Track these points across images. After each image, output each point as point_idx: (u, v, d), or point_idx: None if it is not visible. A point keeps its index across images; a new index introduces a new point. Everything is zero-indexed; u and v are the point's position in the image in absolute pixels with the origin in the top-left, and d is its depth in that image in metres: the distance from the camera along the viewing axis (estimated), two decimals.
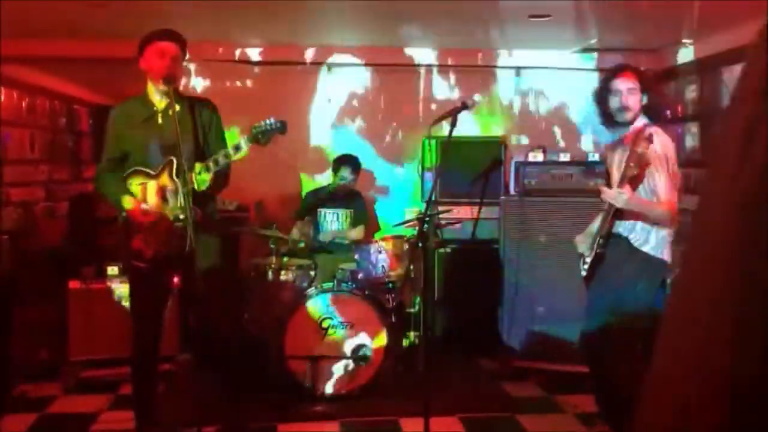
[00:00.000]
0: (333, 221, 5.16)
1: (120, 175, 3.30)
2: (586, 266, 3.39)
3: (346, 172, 5.04)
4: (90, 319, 4.29)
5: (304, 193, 5.54)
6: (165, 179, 3.21)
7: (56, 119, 5.98)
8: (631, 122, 3.27)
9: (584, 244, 3.44)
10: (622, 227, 3.26)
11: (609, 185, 3.37)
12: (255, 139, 3.15)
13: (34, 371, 4.40)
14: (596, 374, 3.48)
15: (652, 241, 3.20)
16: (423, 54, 5.94)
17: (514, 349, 4.58)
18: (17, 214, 5.05)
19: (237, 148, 3.18)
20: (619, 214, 3.22)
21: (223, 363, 3.50)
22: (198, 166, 3.16)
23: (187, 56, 3.35)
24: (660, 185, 3.14)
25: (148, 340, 3.38)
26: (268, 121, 3.14)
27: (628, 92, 3.23)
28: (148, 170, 3.25)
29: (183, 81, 5.69)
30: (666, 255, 3.22)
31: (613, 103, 3.26)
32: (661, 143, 3.14)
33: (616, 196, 3.10)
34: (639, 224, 3.22)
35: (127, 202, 3.22)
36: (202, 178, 3.15)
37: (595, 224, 3.37)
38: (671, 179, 3.15)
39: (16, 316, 4.34)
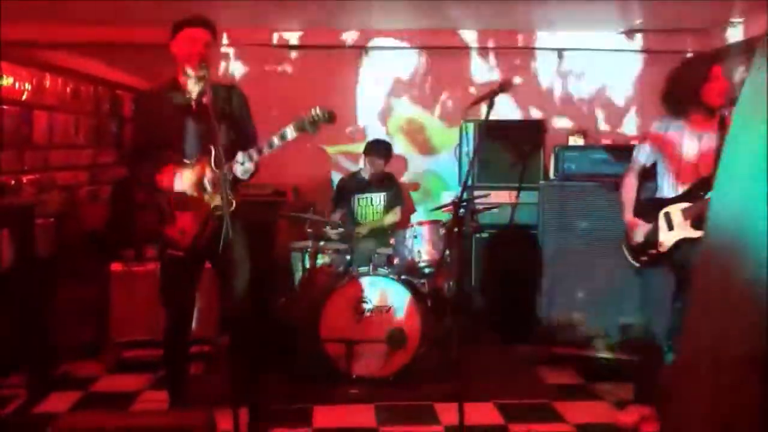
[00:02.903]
0: (367, 206, 5.15)
1: (151, 159, 3.27)
2: (660, 249, 3.40)
3: (376, 157, 5.03)
4: (131, 301, 4.38)
5: (337, 180, 5.53)
6: (204, 168, 3.21)
7: (100, 105, 6.08)
8: (714, 110, 3.31)
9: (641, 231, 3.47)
10: None
11: (661, 171, 3.45)
12: (302, 129, 3.13)
13: (78, 351, 4.52)
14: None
15: None
16: (463, 36, 5.87)
17: (552, 336, 4.53)
18: (62, 198, 5.17)
19: (283, 136, 3.15)
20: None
21: (259, 346, 3.54)
22: (241, 155, 3.15)
23: (226, 41, 3.36)
24: None
25: (179, 325, 3.43)
26: (316, 112, 3.12)
27: (716, 81, 3.26)
28: (183, 159, 3.23)
29: (222, 67, 5.76)
30: None
31: (713, 87, 3.26)
32: None
33: None
34: None
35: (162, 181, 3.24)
36: (245, 167, 3.16)
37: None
38: None
39: (60, 297, 4.45)
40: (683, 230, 3.35)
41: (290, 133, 3.13)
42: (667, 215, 3.40)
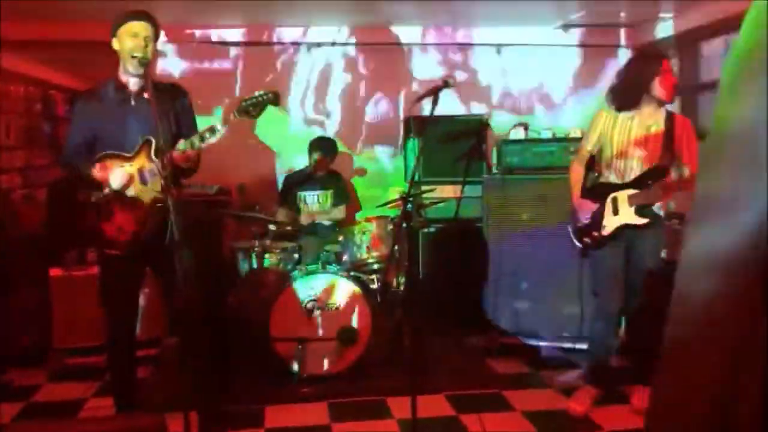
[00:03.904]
0: (313, 203, 5.14)
1: (88, 157, 3.18)
2: (603, 231, 3.54)
3: (319, 155, 5.02)
4: (73, 306, 4.26)
5: (282, 177, 5.50)
6: (143, 160, 3.14)
7: (32, 105, 5.88)
8: (665, 103, 3.49)
9: (588, 212, 3.60)
10: None
11: (607, 158, 3.58)
12: (245, 111, 3.06)
13: (19, 359, 4.37)
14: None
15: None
16: (404, 32, 5.90)
17: (500, 326, 4.61)
18: None
19: (225, 121, 3.11)
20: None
21: (209, 346, 3.49)
22: (183, 143, 3.10)
23: (165, 39, 3.28)
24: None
25: (122, 329, 3.35)
26: (258, 93, 3.07)
27: (668, 74, 3.41)
28: (122, 153, 3.15)
29: (160, 64, 5.64)
30: None
31: (664, 81, 3.40)
32: (689, 127, 3.48)
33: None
34: None
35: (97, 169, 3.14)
36: (187, 155, 3.11)
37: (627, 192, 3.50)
38: None
39: None
40: (627, 216, 3.49)
41: (233, 116, 3.09)
42: (614, 200, 3.53)
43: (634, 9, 5.34)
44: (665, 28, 5.57)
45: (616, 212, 3.52)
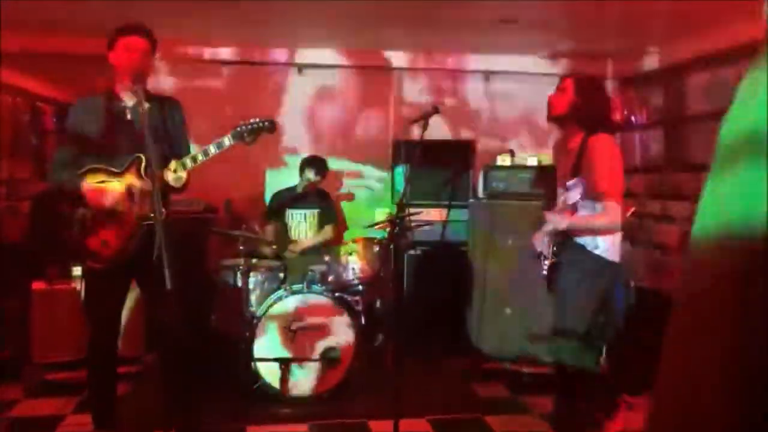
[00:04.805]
0: (300, 221, 5.14)
1: (77, 168, 3.16)
2: (546, 264, 3.45)
3: (311, 173, 5.03)
4: (54, 321, 4.21)
5: (270, 194, 5.50)
6: (132, 177, 3.14)
7: (19, 116, 5.85)
8: (552, 119, 3.40)
9: (542, 243, 3.47)
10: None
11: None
12: (240, 137, 3.09)
13: None
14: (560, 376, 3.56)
15: (602, 245, 3.21)
16: (394, 57, 5.95)
17: (483, 351, 4.62)
18: None
19: (220, 145, 3.12)
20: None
21: (191, 365, 3.46)
22: (174, 163, 3.10)
23: (158, 54, 3.29)
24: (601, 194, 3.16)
25: (104, 344, 3.31)
26: (254, 120, 3.09)
27: (557, 92, 3.37)
28: (110, 168, 3.15)
29: (152, 80, 5.63)
30: (617, 256, 3.25)
31: (554, 99, 3.38)
32: (597, 150, 3.18)
33: (558, 221, 3.25)
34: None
35: (87, 185, 3.10)
36: (178, 176, 3.11)
37: (549, 225, 3.37)
38: (613, 186, 3.17)
39: None
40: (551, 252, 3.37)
41: (228, 141, 3.11)
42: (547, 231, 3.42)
43: (620, 40, 5.43)
44: (651, 60, 5.67)
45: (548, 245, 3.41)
